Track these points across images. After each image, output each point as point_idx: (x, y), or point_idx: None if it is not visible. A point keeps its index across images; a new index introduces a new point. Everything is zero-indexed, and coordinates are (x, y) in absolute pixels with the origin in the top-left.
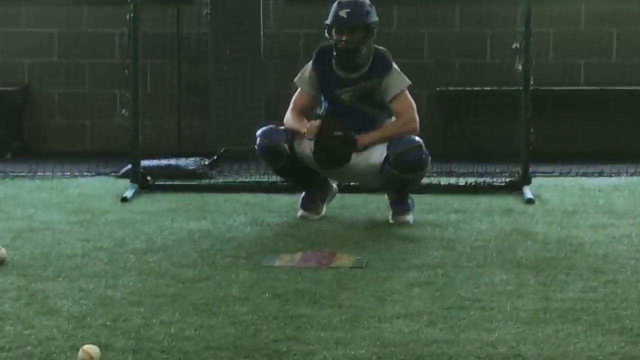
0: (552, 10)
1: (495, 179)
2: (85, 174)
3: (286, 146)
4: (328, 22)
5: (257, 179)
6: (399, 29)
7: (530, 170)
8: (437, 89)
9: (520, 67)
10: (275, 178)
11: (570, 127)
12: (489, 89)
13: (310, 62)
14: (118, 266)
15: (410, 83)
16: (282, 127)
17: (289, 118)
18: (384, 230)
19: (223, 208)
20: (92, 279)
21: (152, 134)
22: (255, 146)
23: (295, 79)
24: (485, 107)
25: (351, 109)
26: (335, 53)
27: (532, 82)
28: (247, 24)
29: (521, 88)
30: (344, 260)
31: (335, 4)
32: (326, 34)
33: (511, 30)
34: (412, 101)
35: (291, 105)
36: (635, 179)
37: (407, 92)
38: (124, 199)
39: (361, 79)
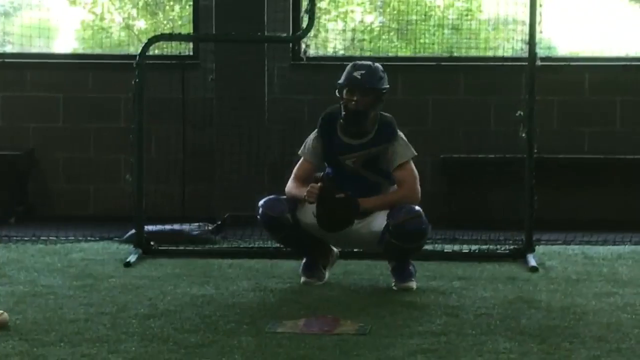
0: (556, 79)
1: (499, 247)
2: (89, 238)
3: (289, 216)
4: (341, 82)
5: (260, 245)
6: (404, 96)
7: (534, 238)
8: (442, 155)
9: (524, 135)
10: (278, 244)
11: (574, 195)
12: (493, 156)
13: (314, 131)
14: (120, 331)
15: (416, 154)
16: (284, 197)
17: (290, 186)
18: (387, 297)
19: (226, 273)
20: (95, 344)
21: (156, 198)
22: (258, 217)
23: (300, 151)
24: (489, 175)
25: (355, 176)
26: (343, 113)
27: (536, 150)
28: (252, 90)
29: (525, 156)
30: (347, 326)
31: (349, 66)
32: (337, 94)
33: (515, 98)
34: (416, 172)
35: (293, 174)
36: (639, 247)
37: (411, 163)
38: (127, 264)
39: (366, 146)
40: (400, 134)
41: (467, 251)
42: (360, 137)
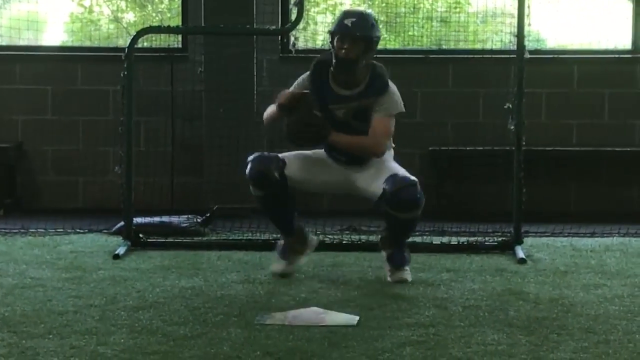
0: (544, 71)
1: (487, 239)
2: (78, 230)
3: (277, 173)
4: (332, 29)
5: (249, 237)
6: None
7: (523, 230)
8: (430, 148)
9: (512, 127)
10: (267, 236)
11: (562, 187)
12: (481, 148)
13: (307, 73)
14: (109, 323)
15: (404, 110)
16: (274, 154)
17: (270, 107)
18: (376, 289)
19: (215, 266)
20: (83, 336)
21: (145, 191)
22: (246, 171)
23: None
24: (477, 167)
25: (344, 126)
26: (334, 61)
27: (524, 142)
28: (241, 82)
29: (514, 148)
30: (336, 318)
31: (341, 13)
32: (328, 43)
33: (504, 90)
34: (392, 128)
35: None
36: (626, 239)
37: (392, 118)
38: (116, 256)
39: (357, 97)
40: (392, 87)
41: (455, 243)
42: (351, 88)
